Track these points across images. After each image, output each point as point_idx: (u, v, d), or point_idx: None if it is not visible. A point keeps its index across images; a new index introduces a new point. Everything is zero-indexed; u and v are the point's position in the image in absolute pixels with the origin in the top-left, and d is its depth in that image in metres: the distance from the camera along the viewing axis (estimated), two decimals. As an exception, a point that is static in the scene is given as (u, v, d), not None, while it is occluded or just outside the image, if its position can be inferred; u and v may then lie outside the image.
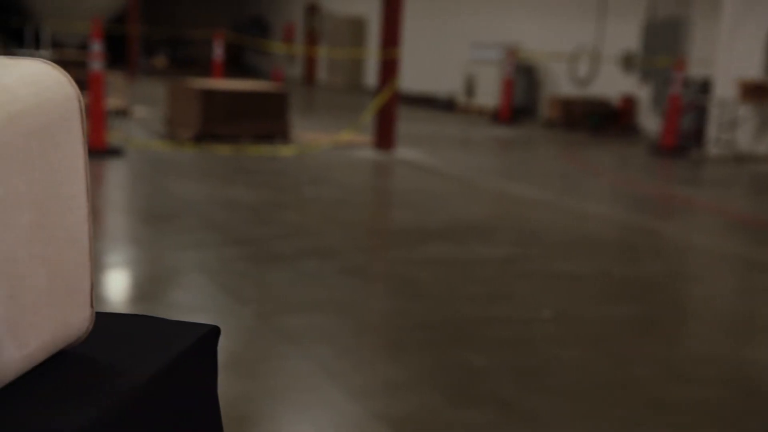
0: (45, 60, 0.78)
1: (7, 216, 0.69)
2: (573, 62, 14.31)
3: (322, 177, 7.61)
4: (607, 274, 4.85)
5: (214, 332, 0.93)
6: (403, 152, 9.49)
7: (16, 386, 0.75)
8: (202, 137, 9.17)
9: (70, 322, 0.80)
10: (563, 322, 3.91)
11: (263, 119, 9.56)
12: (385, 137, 9.54)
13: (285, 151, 8.97)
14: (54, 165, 0.75)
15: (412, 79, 17.64)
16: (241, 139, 9.38)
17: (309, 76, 22.34)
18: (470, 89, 15.37)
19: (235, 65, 24.38)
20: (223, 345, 3.07)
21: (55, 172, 0.75)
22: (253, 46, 23.71)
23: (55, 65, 0.78)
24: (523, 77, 14.75)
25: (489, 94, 14.87)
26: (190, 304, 3.86)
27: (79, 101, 0.78)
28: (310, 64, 22.35)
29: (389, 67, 9.49)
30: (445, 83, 17.19)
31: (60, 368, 0.79)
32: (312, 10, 22.61)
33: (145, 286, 4.13)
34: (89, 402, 0.73)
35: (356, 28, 20.17)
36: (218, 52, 13.29)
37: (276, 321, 3.67)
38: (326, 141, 9.69)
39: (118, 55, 19.64)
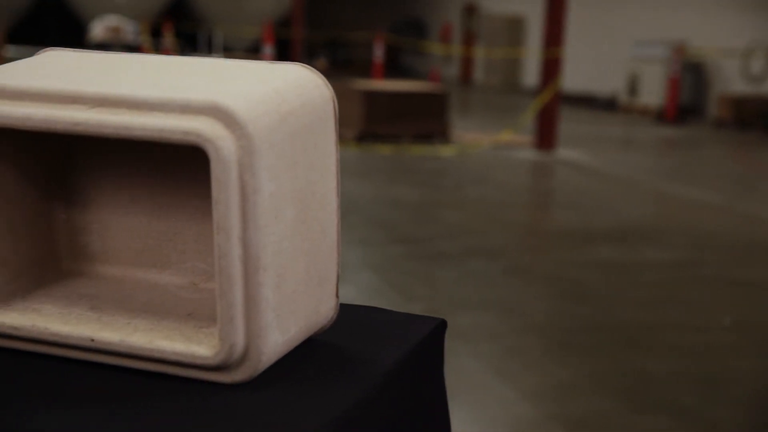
0: (304, 65, 0.84)
1: (277, 210, 0.75)
2: (746, 58, 13.61)
3: (483, 177, 7.61)
4: (789, 282, 4.60)
5: (442, 326, 0.96)
6: (564, 153, 9.33)
7: (278, 368, 0.80)
8: (364, 137, 9.35)
9: (321, 311, 0.85)
10: (744, 330, 3.74)
11: (423, 119, 9.65)
12: (546, 137, 9.42)
13: (445, 150, 9.01)
14: (312, 163, 0.80)
15: (570, 78, 17.30)
16: (401, 139, 9.50)
17: (465, 76, 22.35)
18: (633, 88, 14.91)
19: (392, 66, 24.71)
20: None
21: (313, 170, 0.80)
22: (410, 47, 23.96)
23: (313, 70, 0.83)
24: (691, 75, 14.17)
25: (653, 93, 14.38)
26: (360, 300, 3.96)
27: (334, 103, 0.83)
28: (467, 64, 22.34)
29: (551, 67, 9.36)
30: (605, 82, 16.76)
31: (313, 354, 0.84)
32: (469, 11, 22.60)
33: (317, 281, 4.27)
34: (347, 386, 0.78)
35: (514, 27, 19.99)
36: (378, 53, 13.53)
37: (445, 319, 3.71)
38: (486, 141, 9.67)
39: (282, 57, 20.33)
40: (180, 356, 0.76)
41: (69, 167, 0.89)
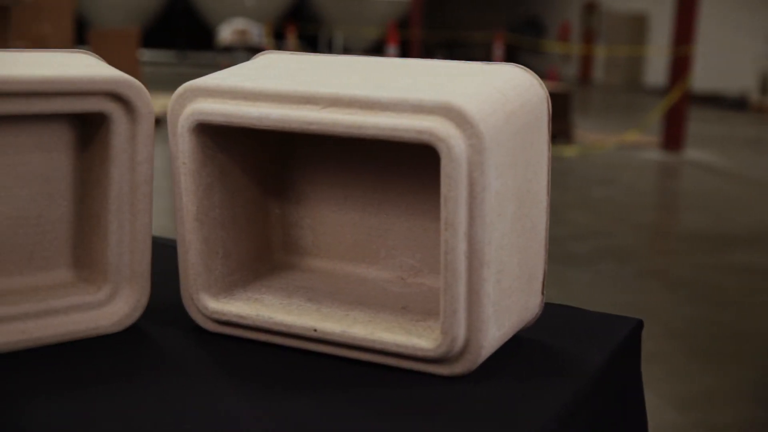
0: (518, 65, 0.85)
1: (500, 207, 0.76)
2: None
3: (608, 178, 7.45)
4: None
5: (640, 326, 0.96)
6: (693, 153, 9.04)
7: (492, 363, 0.82)
8: (486, 137, 9.30)
9: (528, 308, 0.86)
10: None
11: (546, 119, 9.53)
12: (673, 138, 9.15)
13: (568, 151, 8.88)
14: (529, 161, 0.81)
15: (695, 76, 16.72)
16: (523, 139, 9.41)
17: (584, 75, 21.93)
18: (766, 86, 14.29)
19: (510, 66, 24.41)
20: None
21: (529, 168, 0.81)
22: (528, 47, 23.71)
23: (528, 69, 0.84)
24: (828, 72, 13.46)
25: (787, 92, 13.73)
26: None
27: (548, 103, 0.84)
28: (586, 63, 21.93)
29: (680, 65, 9.08)
30: (734, 80, 16.13)
31: (522, 350, 0.86)
32: (590, 8, 22.18)
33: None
34: (562, 383, 0.79)
35: (637, 24, 19.49)
36: (498, 53, 13.45)
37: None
38: (610, 141, 9.47)
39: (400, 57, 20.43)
40: (401, 348, 0.78)
41: (284, 164, 0.94)
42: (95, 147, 0.84)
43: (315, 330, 0.81)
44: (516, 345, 0.86)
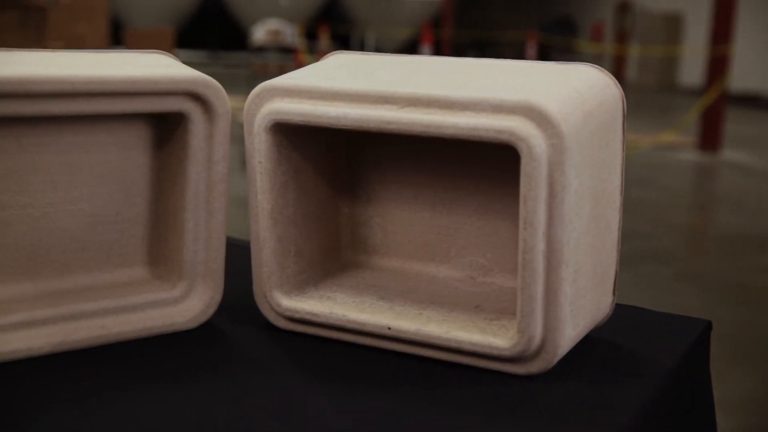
0: (592, 64, 0.85)
1: (578, 207, 0.76)
2: None
3: (645, 178, 7.39)
4: None
5: (708, 327, 0.95)
6: (730, 154, 8.93)
7: (567, 362, 0.82)
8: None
9: (600, 308, 0.86)
10: None
11: (580, 119, 9.47)
12: (710, 138, 9.05)
13: (603, 151, 8.81)
14: (604, 161, 0.81)
15: (731, 76, 16.51)
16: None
17: (617, 76, 21.76)
18: (803, 86, 14.08)
19: (541, 66, 24.23)
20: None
21: (604, 168, 0.81)
22: (560, 46, 23.57)
23: (603, 69, 0.84)
24: None
25: (825, 92, 13.51)
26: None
27: (623, 102, 0.84)
28: (619, 63, 21.76)
29: (717, 65, 8.99)
30: (771, 80, 15.92)
31: (594, 349, 0.86)
32: (623, 8, 22.00)
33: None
34: (636, 383, 0.79)
35: (671, 24, 19.30)
36: (531, 53, 13.39)
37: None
38: (646, 142, 9.39)
39: (430, 58, 20.34)
40: (476, 347, 0.79)
41: (355, 163, 0.94)
42: (173, 146, 0.85)
43: (389, 328, 0.82)
44: (589, 345, 0.86)
